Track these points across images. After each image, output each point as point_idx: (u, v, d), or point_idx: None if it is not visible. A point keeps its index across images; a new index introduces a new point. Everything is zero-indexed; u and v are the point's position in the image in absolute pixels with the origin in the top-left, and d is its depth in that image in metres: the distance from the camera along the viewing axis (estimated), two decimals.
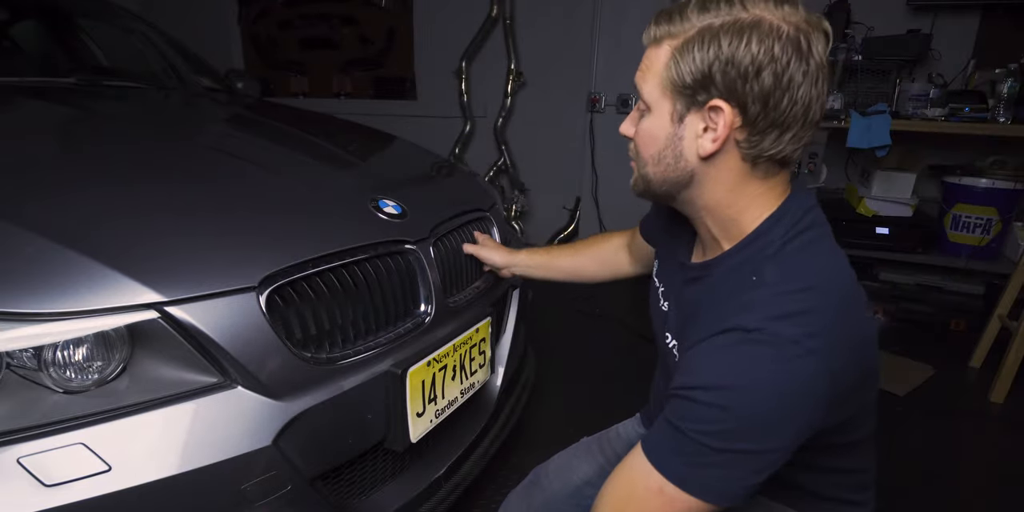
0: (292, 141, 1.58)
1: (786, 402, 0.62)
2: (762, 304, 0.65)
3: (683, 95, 0.68)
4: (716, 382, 0.63)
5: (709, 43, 0.64)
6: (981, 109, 2.57)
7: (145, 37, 2.36)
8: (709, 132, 0.68)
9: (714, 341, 0.65)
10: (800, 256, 0.69)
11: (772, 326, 0.62)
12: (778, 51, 0.62)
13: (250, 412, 0.89)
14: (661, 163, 0.72)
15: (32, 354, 0.79)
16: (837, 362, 0.62)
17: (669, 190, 0.75)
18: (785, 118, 0.65)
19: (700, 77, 0.65)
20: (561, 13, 3.60)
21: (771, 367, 0.61)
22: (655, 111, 0.71)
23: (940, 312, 2.86)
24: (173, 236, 0.94)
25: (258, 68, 4.71)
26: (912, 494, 1.65)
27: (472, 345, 1.30)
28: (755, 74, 0.63)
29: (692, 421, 0.64)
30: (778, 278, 0.67)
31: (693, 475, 0.65)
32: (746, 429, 0.62)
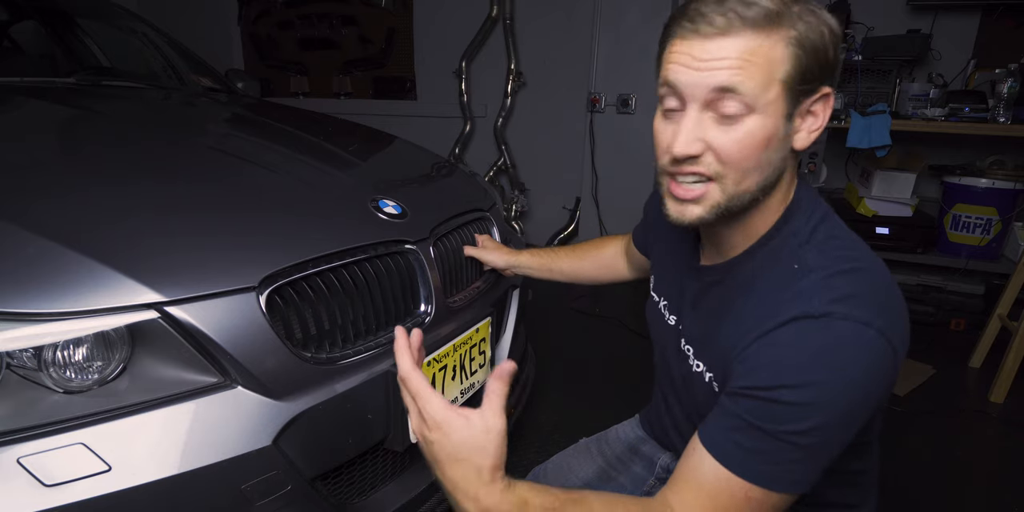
0: (292, 141, 1.58)
1: (870, 386, 0.61)
2: (819, 289, 0.62)
3: (799, 91, 0.62)
4: (800, 378, 0.60)
5: (818, 36, 0.60)
6: (981, 109, 2.57)
7: (145, 37, 2.36)
8: (809, 120, 0.65)
9: (779, 335, 0.62)
10: (833, 240, 0.67)
11: (840, 309, 0.60)
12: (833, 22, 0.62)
13: (250, 412, 0.89)
14: (768, 167, 0.65)
15: (32, 354, 0.79)
16: (897, 339, 0.62)
17: (757, 196, 0.67)
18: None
19: (818, 68, 0.61)
20: (561, 13, 3.60)
21: (852, 353, 0.60)
22: (763, 112, 0.62)
23: (940, 312, 2.86)
24: (173, 236, 0.94)
25: (258, 68, 4.72)
26: (912, 494, 1.65)
27: (472, 345, 1.30)
28: (835, 53, 0.62)
29: (777, 422, 0.61)
30: (823, 262, 0.65)
31: (779, 474, 0.62)
32: (836, 421, 0.61)
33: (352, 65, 4.44)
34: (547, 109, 3.80)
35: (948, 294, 2.91)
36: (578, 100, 3.58)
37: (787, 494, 0.63)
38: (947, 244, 2.86)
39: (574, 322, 2.78)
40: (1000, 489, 1.71)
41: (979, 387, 2.25)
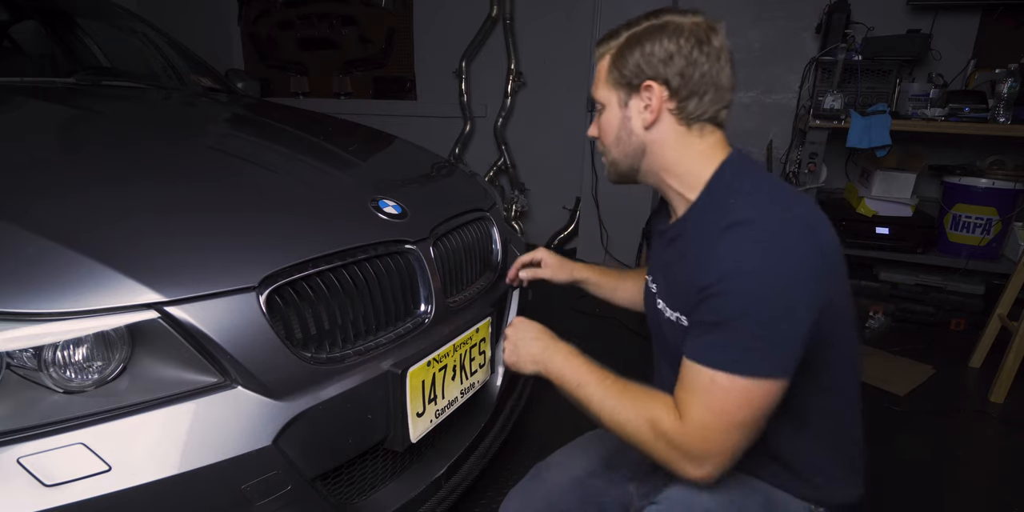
0: (292, 141, 1.58)
1: (795, 267, 0.73)
2: (747, 205, 0.79)
3: (623, 85, 0.88)
4: (735, 267, 0.74)
5: (635, 45, 0.86)
6: (981, 109, 2.56)
7: (145, 37, 2.36)
8: (647, 108, 0.87)
9: (715, 243, 0.77)
10: (761, 185, 0.83)
11: (765, 212, 0.77)
12: (683, 42, 0.83)
13: (250, 412, 0.89)
14: (620, 143, 0.91)
15: (32, 354, 0.79)
16: (824, 240, 0.77)
17: (632, 164, 0.92)
18: (699, 86, 0.84)
19: (634, 68, 0.86)
20: (561, 13, 3.60)
21: (777, 241, 0.74)
22: (608, 106, 0.91)
23: (940, 312, 2.86)
24: (173, 236, 0.94)
25: (258, 68, 4.72)
26: (912, 494, 1.65)
27: (472, 345, 1.30)
28: (669, 59, 0.84)
29: (721, 311, 0.74)
30: (751, 189, 0.82)
31: (736, 357, 0.74)
32: (774, 301, 0.73)
33: (352, 65, 4.44)
34: (547, 109, 3.80)
35: (948, 294, 2.91)
36: (578, 100, 3.58)
37: (754, 379, 0.73)
38: (947, 244, 2.86)
39: (575, 322, 2.79)
40: (1000, 489, 1.71)
41: (979, 387, 2.25)
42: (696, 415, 0.75)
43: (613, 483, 1.05)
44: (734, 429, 0.75)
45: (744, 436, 0.75)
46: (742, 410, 0.74)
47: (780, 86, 3.28)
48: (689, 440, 0.76)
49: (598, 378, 0.87)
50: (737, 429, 0.75)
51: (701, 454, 0.76)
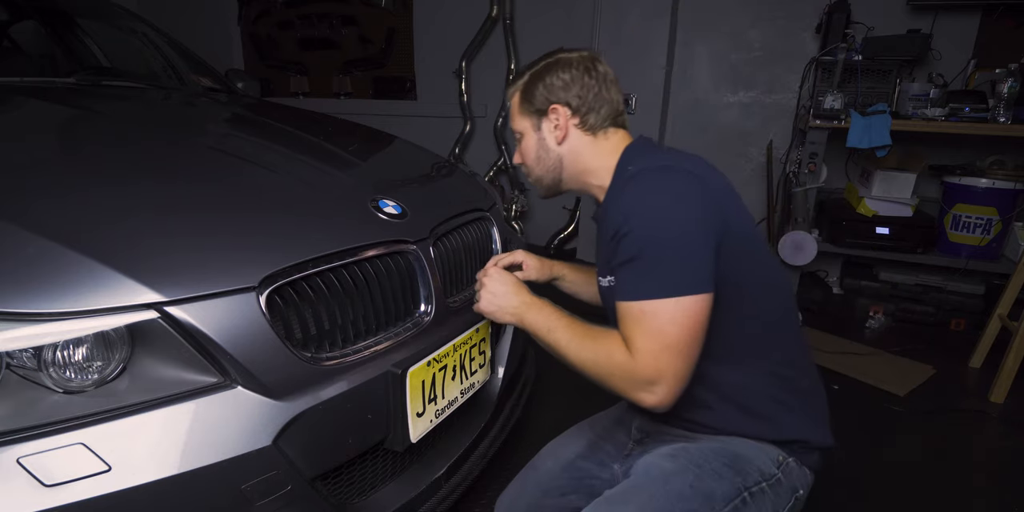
0: (292, 141, 1.58)
1: (673, 202, 0.87)
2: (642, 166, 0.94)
3: (534, 113, 1.06)
4: (631, 208, 0.88)
5: (538, 80, 1.04)
6: (981, 109, 2.56)
7: (145, 37, 2.36)
8: (557, 127, 1.04)
9: (619, 200, 0.92)
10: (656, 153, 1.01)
11: (651, 165, 0.94)
12: (575, 71, 1.02)
13: (250, 412, 0.89)
14: (540, 161, 1.08)
15: (32, 354, 0.79)
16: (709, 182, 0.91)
17: (554, 176, 1.08)
18: (594, 103, 1.03)
19: (539, 98, 1.04)
20: (561, 13, 3.60)
21: (657, 182, 0.90)
22: (525, 134, 1.08)
23: (940, 312, 2.86)
24: (173, 236, 0.94)
25: (258, 68, 4.72)
26: (912, 494, 1.65)
27: (472, 345, 1.30)
28: (566, 85, 1.02)
29: (628, 250, 0.87)
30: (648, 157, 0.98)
31: (652, 284, 0.85)
32: (668, 224, 0.86)
33: (352, 65, 4.44)
34: None
35: (948, 294, 2.91)
36: None
37: (672, 298, 0.83)
38: (947, 244, 2.86)
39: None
40: (1000, 489, 1.71)
41: (979, 387, 2.25)
42: (637, 344, 0.85)
43: (602, 465, 1.09)
44: (672, 349, 0.84)
45: (683, 356, 0.85)
46: (673, 329, 0.83)
47: (780, 86, 3.28)
48: (637, 367, 0.85)
49: (566, 323, 0.98)
50: (674, 349, 0.84)
51: (650, 378, 0.85)
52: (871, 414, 2.05)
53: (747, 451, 0.93)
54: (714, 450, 0.93)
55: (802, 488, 0.96)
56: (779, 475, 0.93)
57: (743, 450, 0.93)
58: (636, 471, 0.94)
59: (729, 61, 3.34)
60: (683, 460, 0.92)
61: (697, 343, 0.85)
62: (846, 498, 1.62)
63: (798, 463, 0.95)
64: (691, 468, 0.90)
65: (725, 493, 0.88)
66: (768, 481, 0.91)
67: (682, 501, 0.86)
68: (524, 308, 1.04)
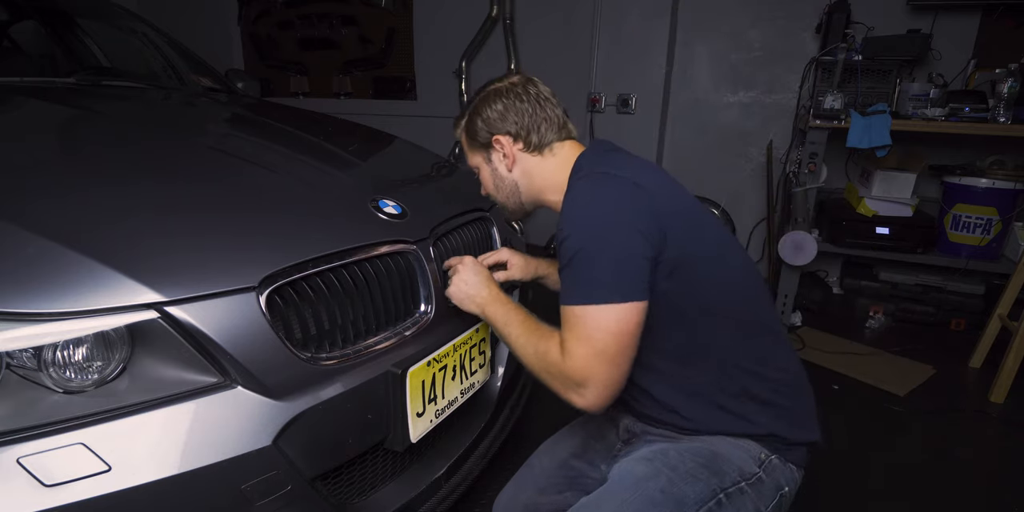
0: (292, 141, 1.58)
1: (606, 210, 0.88)
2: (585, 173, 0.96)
3: (481, 147, 1.11)
4: (568, 213, 0.91)
5: (475, 116, 1.09)
6: (981, 109, 2.56)
7: (145, 37, 2.36)
8: (504, 156, 1.09)
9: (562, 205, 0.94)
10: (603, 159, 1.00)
11: (595, 172, 0.94)
12: (507, 100, 1.06)
13: (250, 412, 0.89)
14: (500, 189, 1.13)
15: (32, 354, 0.79)
16: (641, 180, 0.90)
17: (516, 200, 1.13)
18: (533, 123, 1.06)
19: (481, 132, 1.09)
20: (561, 13, 3.60)
21: (592, 188, 0.91)
22: (480, 167, 1.14)
23: (940, 312, 2.86)
24: (173, 236, 0.94)
25: (258, 68, 4.72)
26: (912, 494, 1.65)
27: (472, 345, 1.30)
28: (501, 116, 1.06)
29: (563, 258, 0.89)
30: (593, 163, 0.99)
31: (583, 291, 0.86)
32: (600, 233, 0.86)
33: (352, 65, 4.44)
34: None
35: (948, 294, 2.91)
36: (578, 100, 3.58)
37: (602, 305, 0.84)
38: (947, 244, 2.86)
39: None
40: (1000, 489, 1.71)
41: (979, 387, 2.25)
42: (569, 347, 0.87)
43: (592, 464, 1.11)
44: (602, 355, 0.85)
45: (612, 362, 0.86)
46: (601, 335, 0.84)
47: (780, 86, 3.28)
48: (567, 369, 0.87)
49: (521, 319, 1.01)
50: (603, 355, 0.85)
51: (579, 381, 0.87)
52: (871, 414, 2.05)
53: (727, 450, 0.93)
54: (692, 451, 0.93)
55: (787, 485, 0.95)
56: (760, 473, 0.92)
57: (723, 449, 0.93)
58: (612, 475, 0.95)
59: (729, 61, 3.34)
60: (658, 463, 0.92)
61: (628, 349, 0.86)
62: (846, 498, 1.62)
63: (782, 460, 0.95)
64: (664, 471, 0.90)
65: (699, 496, 0.87)
66: (748, 480, 0.91)
67: (653, 506, 0.86)
68: (489, 300, 1.08)
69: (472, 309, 1.11)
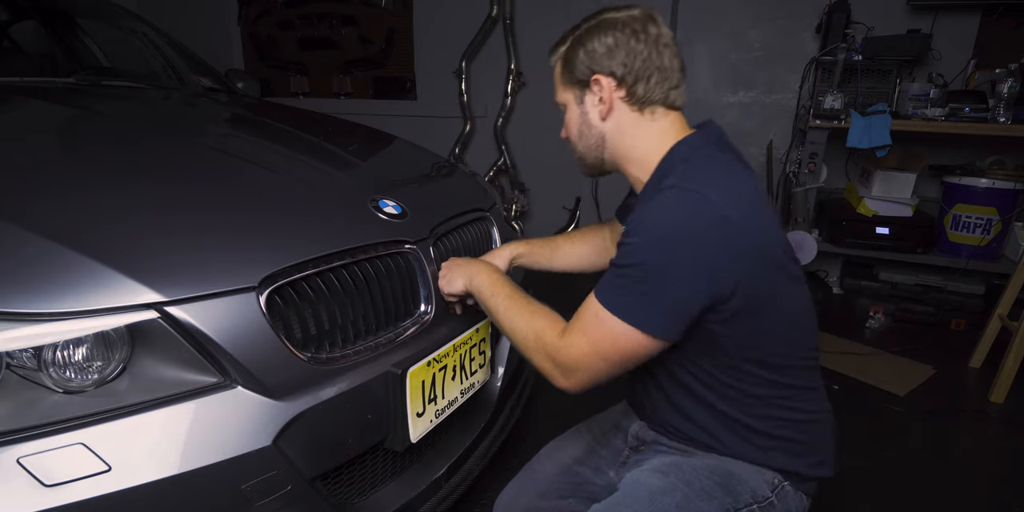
0: (292, 141, 1.58)
1: (689, 236, 0.79)
2: (679, 176, 0.85)
3: (576, 84, 0.95)
4: (635, 225, 0.82)
5: (578, 46, 0.93)
6: (981, 109, 2.56)
7: (145, 37, 2.36)
8: (600, 100, 0.93)
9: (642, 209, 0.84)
10: (707, 158, 0.88)
11: (686, 183, 0.82)
12: (619, 34, 0.90)
13: (250, 412, 0.89)
14: (583, 137, 0.99)
15: (32, 354, 0.79)
16: (734, 214, 0.79)
17: (596, 155, 0.99)
18: (643, 71, 0.90)
19: (580, 67, 0.93)
20: (561, 13, 3.59)
21: (678, 208, 0.80)
22: (568, 105, 0.99)
23: (940, 312, 2.86)
24: (173, 236, 0.94)
25: (258, 68, 4.71)
26: (912, 494, 1.65)
27: (472, 345, 1.30)
28: (609, 52, 0.90)
29: (620, 258, 0.82)
30: (690, 167, 0.87)
31: (620, 301, 0.82)
32: (660, 261, 0.79)
33: (352, 65, 4.44)
34: (547, 109, 3.77)
35: (948, 294, 2.91)
36: None
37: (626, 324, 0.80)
38: (947, 244, 2.86)
39: None
40: (1000, 489, 1.71)
41: (979, 387, 2.25)
42: (574, 339, 0.85)
43: (598, 470, 1.09)
44: (600, 359, 0.84)
45: (608, 367, 0.84)
46: (611, 348, 0.83)
47: (780, 86, 3.28)
48: (561, 353, 0.86)
49: (508, 292, 0.99)
50: (604, 360, 0.84)
51: (569, 368, 0.86)
52: (871, 414, 2.05)
53: (741, 471, 0.91)
54: (707, 468, 0.91)
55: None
56: (772, 498, 0.90)
57: (737, 470, 0.91)
58: (624, 485, 0.93)
59: (729, 61, 3.34)
60: (673, 478, 0.89)
61: (627, 365, 0.85)
62: (846, 498, 1.62)
63: (794, 488, 0.93)
64: (680, 486, 0.88)
65: None
66: (760, 503, 0.89)
67: None
68: (475, 271, 1.08)
69: (460, 282, 1.09)
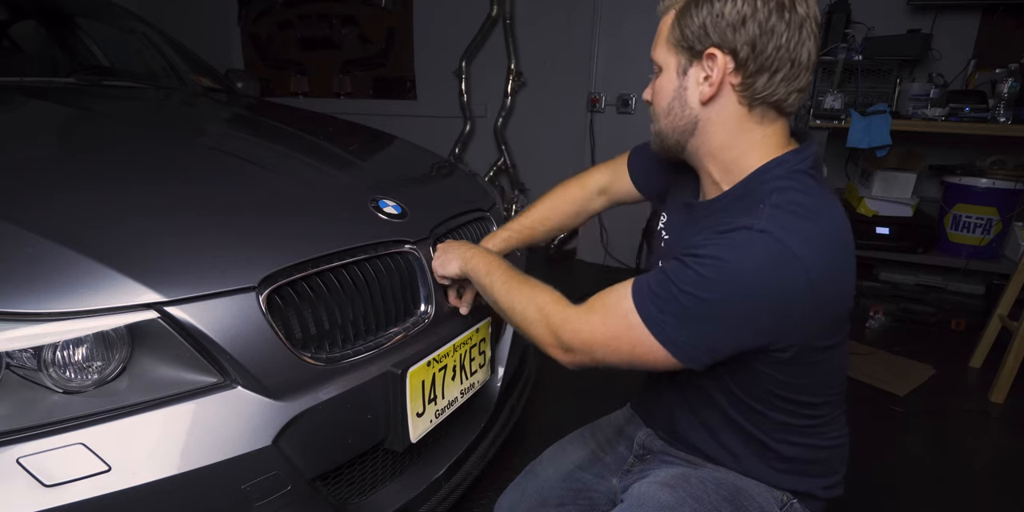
0: (292, 141, 1.58)
1: (762, 291, 0.71)
2: (770, 217, 0.73)
3: (685, 49, 0.79)
4: (713, 253, 0.72)
5: (703, 3, 0.76)
6: (981, 109, 2.56)
7: (145, 37, 2.36)
8: (707, 80, 0.78)
9: (723, 236, 0.74)
10: (802, 194, 0.76)
11: (778, 232, 0.71)
12: (760, 4, 0.73)
13: (250, 412, 0.89)
14: (670, 114, 0.83)
15: (32, 354, 0.79)
16: (819, 277, 0.72)
17: (679, 139, 0.85)
18: (772, 61, 0.74)
19: (697, 31, 0.76)
20: (561, 13, 3.60)
21: (763, 258, 0.71)
22: (665, 68, 0.83)
23: (940, 312, 2.86)
24: (173, 236, 0.94)
25: (258, 68, 4.71)
26: (912, 494, 1.65)
27: (472, 345, 1.30)
28: (740, 24, 0.73)
29: (679, 279, 0.74)
30: (784, 202, 0.75)
31: (658, 316, 0.75)
32: (728, 307, 0.72)
33: (352, 65, 4.44)
34: (547, 109, 3.80)
35: (948, 294, 2.91)
36: (578, 100, 3.58)
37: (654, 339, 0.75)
38: (947, 244, 2.86)
39: None
40: (1000, 489, 1.71)
41: (979, 387, 2.25)
42: (591, 319, 0.80)
43: (600, 477, 1.07)
44: (611, 351, 0.79)
45: (614, 360, 0.80)
46: (627, 348, 0.78)
47: None
48: (568, 331, 0.82)
49: (504, 269, 0.97)
50: (613, 353, 0.79)
51: (572, 346, 0.82)
52: (871, 414, 2.05)
53: (750, 487, 0.89)
54: (715, 481, 0.88)
55: None
56: None
57: (746, 485, 0.89)
58: (630, 497, 0.88)
59: None
60: (682, 492, 0.85)
61: (632, 366, 0.81)
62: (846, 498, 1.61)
63: (803, 507, 0.91)
64: (689, 502, 0.84)
65: None
66: None
67: None
68: (470, 254, 1.06)
69: (455, 265, 1.08)
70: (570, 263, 3.75)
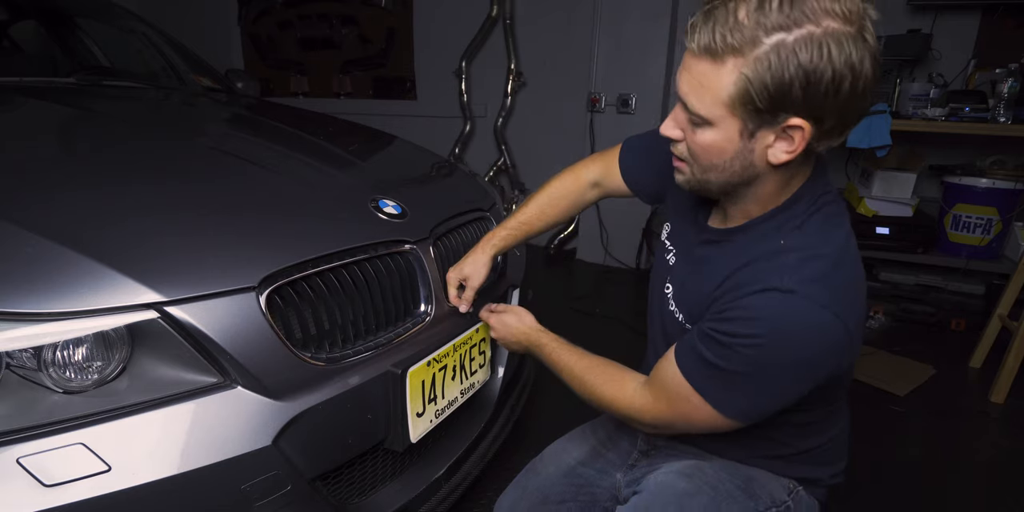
0: (292, 141, 1.58)
1: (811, 355, 0.74)
2: (794, 268, 0.73)
3: (755, 114, 0.67)
4: (756, 332, 0.72)
5: (787, 61, 0.61)
6: (981, 109, 2.56)
7: (145, 37, 2.36)
8: (782, 143, 0.70)
9: (751, 299, 0.73)
10: (822, 228, 0.77)
11: (805, 288, 0.71)
12: (855, 57, 0.61)
13: (250, 412, 0.89)
14: (727, 171, 0.75)
15: (32, 354, 0.79)
16: (851, 322, 0.73)
17: (722, 186, 0.79)
18: (851, 118, 0.68)
19: (779, 97, 0.63)
20: (561, 13, 3.60)
21: (800, 326, 0.71)
22: (719, 127, 0.70)
23: (940, 312, 2.86)
24: (173, 236, 0.94)
25: (258, 68, 4.72)
26: (912, 494, 1.65)
27: (472, 345, 1.30)
28: (836, 92, 0.62)
29: (727, 361, 0.75)
30: (804, 244, 0.75)
31: (704, 384, 0.78)
32: (776, 375, 0.75)
33: (352, 65, 4.44)
34: (547, 109, 3.80)
35: (948, 294, 2.91)
36: (578, 100, 3.58)
37: (728, 418, 0.79)
38: (947, 244, 2.86)
39: (575, 322, 2.78)
40: (1000, 489, 1.71)
41: (979, 387, 2.25)
42: (659, 407, 0.86)
43: (603, 472, 1.08)
44: (688, 426, 0.86)
45: (685, 428, 0.87)
46: (696, 421, 0.83)
47: None
48: (643, 424, 0.90)
49: (576, 356, 0.99)
50: (690, 427, 0.86)
51: (652, 424, 0.89)
52: (871, 414, 2.05)
53: (760, 475, 0.93)
54: (727, 470, 0.92)
55: None
56: (789, 502, 0.92)
57: (756, 474, 0.93)
58: (648, 487, 0.91)
59: None
60: (698, 480, 0.88)
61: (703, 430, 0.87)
62: (846, 498, 1.61)
63: (808, 493, 0.95)
64: (706, 490, 0.87)
65: None
66: (779, 507, 0.90)
67: None
68: (533, 336, 1.09)
69: (515, 346, 1.13)
70: (570, 263, 3.75)
